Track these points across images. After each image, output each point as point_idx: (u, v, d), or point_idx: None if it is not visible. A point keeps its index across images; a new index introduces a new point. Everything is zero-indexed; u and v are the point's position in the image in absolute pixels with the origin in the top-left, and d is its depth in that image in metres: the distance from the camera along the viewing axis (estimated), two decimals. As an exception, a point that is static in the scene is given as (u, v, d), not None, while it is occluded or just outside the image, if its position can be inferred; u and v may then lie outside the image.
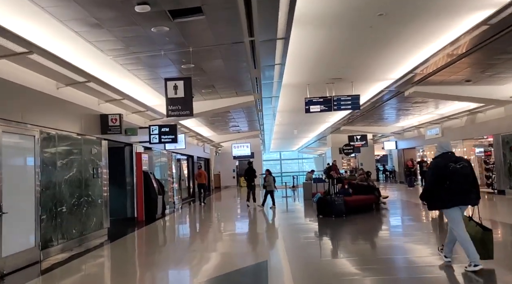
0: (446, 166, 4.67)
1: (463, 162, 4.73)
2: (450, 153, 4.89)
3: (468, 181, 4.69)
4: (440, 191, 4.70)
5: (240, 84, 11.25)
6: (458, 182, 4.59)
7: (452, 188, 4.62)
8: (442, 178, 4.69)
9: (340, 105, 12.72)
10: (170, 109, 7.55)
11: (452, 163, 4.67)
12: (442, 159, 4.81)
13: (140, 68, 8.44)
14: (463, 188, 4.64)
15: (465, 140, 16.61)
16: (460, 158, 4.89)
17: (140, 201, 10.46)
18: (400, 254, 5.83)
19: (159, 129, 10.75)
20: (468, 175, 4.69)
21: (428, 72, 10.80)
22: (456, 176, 4.59)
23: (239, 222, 10.91)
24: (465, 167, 4.68)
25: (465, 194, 4.69)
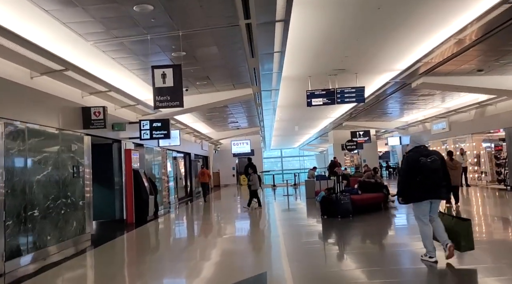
0: (417, 160, 4.72)
1: (434, 156, 4.77)
2: (423, 147, 4.92)
3: (439, 175, 4.74)
4: (412, 185, 4.75)
5: (237, 75, 10.49)
6: (428, 176, 4.65)
7: (423, 182, 4.67)
8: (414, 172, 4.73)
9: (344, 98, 12.01)
10: (157, 100, 6.81)
11: (423, 157, 4.72)
12: (414, 153, 4.85)
13: (125, 56, 7.69)
14: (433, 182, 4.70)
15: (474, 134, 15.83)
16: (432, 152, 4.93)
17: (130, 202, 9.72)
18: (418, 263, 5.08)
19: (150, 124, 10.01)
20: (439, 169, 4.74)
21: (437, 61, 10.06)
22: (426, 170, 4.66)
23: (237, 224, 10.17)
24: (435, 161, 4.73)
25: (435, 188, 4.74)
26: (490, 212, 9.99)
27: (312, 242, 6.88)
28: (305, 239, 7.18)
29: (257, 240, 7.62)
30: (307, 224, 9.25)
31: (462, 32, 8.19)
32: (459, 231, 4.78)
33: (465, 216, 9.36)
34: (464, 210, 10.24)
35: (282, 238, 7.32)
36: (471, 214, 9.74)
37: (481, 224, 8.31)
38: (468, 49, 9.08)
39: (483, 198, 12.88)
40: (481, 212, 10.09)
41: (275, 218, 10.65)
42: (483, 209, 10.75)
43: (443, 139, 18.32)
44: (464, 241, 4.76)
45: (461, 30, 8.13)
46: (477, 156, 15.63)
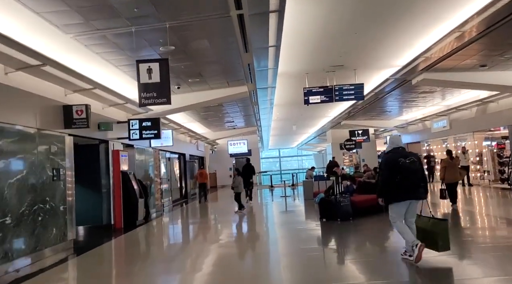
0: (396, 161, 4.78)
1: (412, 157, 4.83)
2: (401, 148, 5.00)
3: (418, 176, 4.81)
4: (391, 186, 4.79)
5: (231, 72, 10.03)
6: (407, 177, 4.71)
7: (402, 182, 4.73)
8: (393, 173, 4.78)
9: (342, 95, 11.58)
10: (143, 96, 6.35)
11: (402, 158, 4.77)
12: (393, 154, 4.92)
13: (110, 51, 7.21)
14: (412, 183, 4.76)
15: (476, 133, 15.41)
16: (410, 153, 5.01)
17: (118, 206, 9.24)
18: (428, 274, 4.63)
19: (140, 123, 9.54)
20: (418, 170, 4.83)
21: (439, 56, 9.63)
22: (405, 171, 4.71)
23: (232, 229, 9.71)
24: (414, 162, 4.80)
25: (414, 189, 4.80)
26: (494, 212, 9.55)
27: (311, 249, 6.41)
28: (303, 245, 6.71)
29: (253, 247, 7.14)
30: (305, 228, 8.78)
31: (464, 25, 7.78)
32: (436, 231, 4.82)
33: (468, 218, 8.97)
34: (466, 211, 9.82)
35: (279, 245, 6.86)
36: (473, 215, 9.31)
37: (484, 227, 7.86)
38: (471, 43, 8.65)
39: (485, 198, 12.46)
40: (484, 213, 9.65)
41: (273, 221, 10.20)
42: (486, 209, 10.32)
43: (444, 137, 17.92)
44: (441, 241, 4.80)
45: (463, 23, 7.73)
46: (479, 154, 15.22)
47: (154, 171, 12.49)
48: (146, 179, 11.64)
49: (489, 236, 6.99)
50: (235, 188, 11.84)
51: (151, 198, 11.76)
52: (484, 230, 7.59)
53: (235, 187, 11.85)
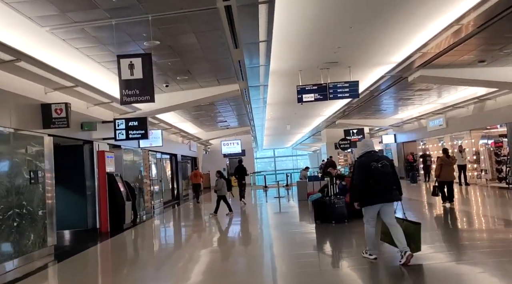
0: (369, 165, 4.87)
1: (384, 161, 4.94)
2: (373, 152, 5.10)
3: (389, 179, 4.91)
4: (364, 189, 4.89)
5: (221, 69, 9.66)
6: (379, 180, 4.81)
7: (374, 186, 4.82)
8: (366, 176, 4.87)
9: (337, 93, 11.25)
10: (125, 94, 5.96)
11: (374, 162, 4.87)
12: (366, 158, 5.00)
13: (90, 46, 6.82)
14: (384, 186, 4.86)
15: (473, 131, 15.15)
16: (382, 157, 5.13)
17: (104, 209, 8.84)
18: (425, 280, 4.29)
19: (126, 123, 9.14)
20: (389, 173, 4.91)
21: (436, 52, 9.34)
22: (377, 174, 4.81)
23: (223, 232, 9.34)
24: (386, 166, 4.90)
25: (387, 192, 4.89)
26: (491, 213, 9.25)
27: (306, 254, 6.05)
28: (298, 250, 6.34)
29: (245, 253, 6.74)
30: (300, 231, 8.40)
31: (462, 19, 7.49)
32: (409, 233, 4.91)
33: (465, 218, 8.67)
34: (463, 211, 9.53)
35: (272, 250, 6.49)
36: (471, 216, 9.02)
37: (481, 230, 7.56)
38: (469, 38, 8.36)
39: (483, 198, 12.19)
40: (481, 213, 9.35)
41: (266, 223, 9.82)
42: (482, 209, 10.03)
43: (440, 136, 17.66)
44: (413, 243, 4.89)
45: (461, 17, 7.43)
46: (476, 153, 14.96)
47: (143, 172, 12.08)
48: (135, 180, 11.24)
49: (486, 238, 6.68)
50: (218, 191, 11.37)
51: (140, 200, 11.37)
52: (481, 231, 7.29)
53: (218, 190, 11.38)
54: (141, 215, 11.47)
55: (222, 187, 11.35)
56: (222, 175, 11.82)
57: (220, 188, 11.33)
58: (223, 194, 11.39)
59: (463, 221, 8.52)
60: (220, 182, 11.43)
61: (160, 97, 11.26)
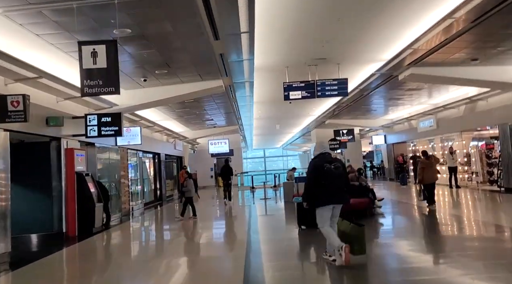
0: (322, 166, 4.95)
1: (337, 163, 5.04)
2: (327, 154, 5.17)
3: (342, 181, 5.02)
4: (317, 191, 4.96)
5: (202, 63, 9.09)
6: (331, 182, 4.89)
7: (326, 188, 4.90)
8: (319, 178, 4.94)
9: (325, 91, 10.77)
10: (86, 84, 5.38)
11: (328, 164, 4.95)
12: (319, 160, 5.08)
13: (53, 33, 6.20)
14: (336, 188, 4.95)
15: (464, 132, 14.81)
16: (335, 159, 5.24)
17: (71, 211, 8.20)
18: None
19: (99, 119, 8.52)
20: (341, 175, 5.03)
21: (427, 49, 8.92)
22: (330, 176, 4.89)
23: (200, 237, 8.78)
24: (339, 168, 4.99)
25: (338, 194, 4.99)
26: (483, 218, 8.81)
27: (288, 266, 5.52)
28: (277, 261, 5.82)
29: (219, 266, 6.10)
30: (282, 238, 7.76)
31: (454, 13, 7.07)
32: (354, 235, 5.00)
33: (456, 223, 8.23)
34: (453, 215, 9.11)
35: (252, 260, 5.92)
36: (461, 221, 8.58)
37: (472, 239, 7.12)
38: (462, 34, 7.93)
39: (473, 201, 11.82)
40: (472, 218, 8.92)
41: (249, 228, 9.22)
42: (474, 214, 9.62)
43: (430, 137, 17.32)
44: (357, 245, 4.98)
45: (454, 11, 7.01)
46: (467, 155, 14.62)
47: (120, 172, 11.45)
48: (111, 181, 10.62)
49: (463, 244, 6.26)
50: (187, 193, 10.64)
51: (117, 201, 10.75)
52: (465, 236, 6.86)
53: (186, 192, 10.65)
54: (120, 217, 10.85)
55: (190, 188, 10.67)
56: (190, 175, 11.16)
57: (189, 189, 10.62)
58: (191, 195, 10.68)
59: (446, 225, 8.11)
60: (189, 183, 10.75)
61: (139, 92, 10.67)
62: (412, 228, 8.05)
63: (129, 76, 9.32)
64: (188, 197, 10.62)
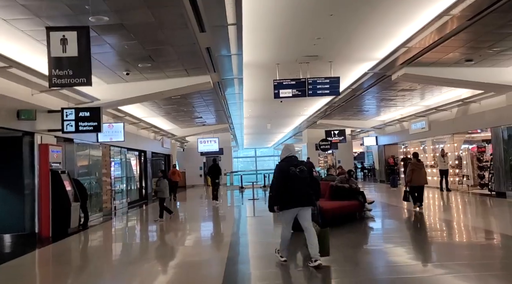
0: (287, 170, 5.01)
1: (302, 166, 5.10)
2: (293, 157, 5.23)
3: (306, 184, 5.04)
4: (282, 193, 5.00)
5: (188, 57, 8.69)
6: (296, 185, 4.93)
7: (291, 191, 4.94)
8: (284, 181, 4.99)
9: (316, 90, 10.44)
10: (54, 74, 4.96)
11: (293, 167, 5.01)
12: (285, 163, 5.14)
13: (22, 18, 5.72)
14: (301, 191, 4.97)
15: (456, 135, 14.59)
16: (301, 162, 5.31)
17: (45, 211, 7.73)
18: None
19: (76, 113, 8.06)
20: (306, 179, 5.06)
21: (422, 47, 8.65)
22: (295, 179, 4.95)
23: (184, 239, 8.37)
24: (304, 171, 5.04)
25: (303, 196, 4.99)
26: (474, 223, 8.53)
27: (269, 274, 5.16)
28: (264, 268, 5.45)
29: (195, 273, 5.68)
30: (269, 241, 7.31)
31: (451, 10, 6.78)
32: (319, 237, 5.08)
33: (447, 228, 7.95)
34: (444, 220, 8.84)
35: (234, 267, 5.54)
36: (452, 226, 8.31)
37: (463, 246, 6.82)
38: (458, 32, 7.67)
39: (464, 205, 11.59)
40: (463, 223, 8.65)
41: (235, 231, 8.80)
42: (465, 219, 9.36)
43: (422, 139, 17.10)
44: (321, 247, 5.05)
45: (450, 7, 6.72)
46: (458, 158, 14.42)
47: (102, 170, 10.98)
48: (92, 178, 10.15)
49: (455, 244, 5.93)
50: (159, 193, 10.07)
51: (97, 201, 10.27)
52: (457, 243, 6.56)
53: (159, 192, 10.07)
54: (101, 217, 10.37)
55: (164, 188, 10.13)
56: (165, 175, 10.71)
57: (162, 189, 10.05)
58: (164, 196, 10.14)
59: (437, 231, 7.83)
60: (163, 183, 10.17)
61: (122, 87, 10.21)
62: (403, 234, 7.73)
63: (110, 69, 8.87)
64: (161, 198, 10.05)
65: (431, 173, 16.11)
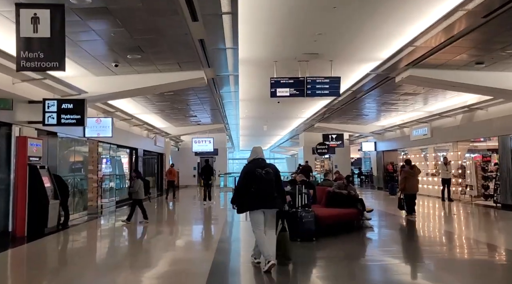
0: (253, 172, 5.05)
1: (269, 169, 5.11)
2: (260, 160, 5.26)
3: (271, 186, 5.04)
4: (247, 195, 5.03)
5: (180, 49, 8.14)
6: (261, 187, 4.96)
7: (256, 192, 4.98)
8: (250, 182, 5.03)
9: (316, 90, 9.93)
10: (24, 56, 4.40)
11: (259, 169, 5.05)
12: (252, 165, 5.18)
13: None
14: (266, 193, 5.00)
15: (460, 143, 14.08)
16: (267, 164, 5.27)
17: (20, 208, 7.14)
18: None
19: (59, 105, 7.49)
20: (271, 181, 5.06)
21: (432, 46, 8.15)
22: (260, 181, 4.98)
23: (168, 245, 7.79)
24: (269, 173, 5.07)
25: (268, 198, 5.02)
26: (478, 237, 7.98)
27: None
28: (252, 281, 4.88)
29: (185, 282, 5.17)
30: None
31: (463, 6, 6.27)
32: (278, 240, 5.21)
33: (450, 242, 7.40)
34: (447, 234, 8.29)
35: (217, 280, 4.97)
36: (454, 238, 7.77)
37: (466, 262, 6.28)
38: (472, 30, 7.15)
39: (467, 216, 11.05)
40: (467, 236, 8.10)
41: (223, 236, 8.21)
42: (469, 232, 8.80)
43: (423, 146, 16.59)
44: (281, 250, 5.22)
45: (462, 4, 6.22)
46: (461, 167, 13.90)
47: (88, 166, 10.40)
48: (76, 175, 9.57)
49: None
50: (134, 194, 9.49)
51: (82, 198, 9.68)
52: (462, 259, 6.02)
53: (134, 193, 9.48)
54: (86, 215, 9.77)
55: (139, 189, 9.45)
56: (139, 175, 9.99)
57: (136, 190, 9.42)
58: (139, 197, 9.52)
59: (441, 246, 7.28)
60: (137, 183, 9.51)
61: (111, 80, 9.65)
62: (403, 247, 7.16)
63: (98, 60, 8.31)
64: (135, 199, 9.47)
65: (432, 181, 15.63)
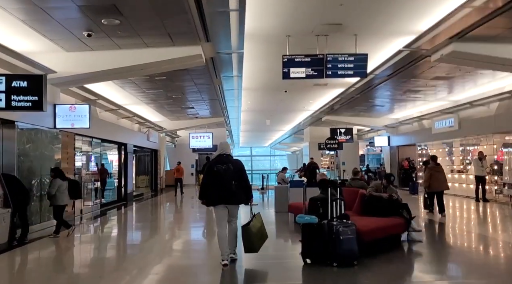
0: (213, 167, 5.10)
1: (229, 165, 5.09)
2: (225, 155, 5.20)
3: (230, 182, 5.00)
4: (209, 190, 5.10)
5: (170, 14, 6.33)
6: (220, 183, 4.99)
7: (215, 188, 5.02)
8: (211, 178, 5.09)
9: (337, 69, 8.23)
10: None
11: (220, 165, 5.08)
12: (214, 161, 5.23)
13: None
14: (225, 188, 4.99)
15: (495, 135, 12.27)
16: (231, 160, 5.20)
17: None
18: None
19: (8, 82, 5.66)
20: (230, 177, 5.02)
21: (479, 17, 6.52)
22: (219, 176, 5.01)
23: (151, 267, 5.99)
24: (229, 169, 5.06)
25: (227, 194, 5.01)
26: None
27: None
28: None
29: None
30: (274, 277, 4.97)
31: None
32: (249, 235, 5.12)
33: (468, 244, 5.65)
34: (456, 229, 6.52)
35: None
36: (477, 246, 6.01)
37: None
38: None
39: (503, 218, 9.36)
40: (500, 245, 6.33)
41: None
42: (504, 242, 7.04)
43: (448, 140, 14.80)
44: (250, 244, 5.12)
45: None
46: (497, 162, 12.17)
47: (61, 164, 8.58)
48: (45, 176, 7.77)
49: None
50: (53, 199, 7.01)
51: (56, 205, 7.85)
52: None
53: (53, 198, 7.00)
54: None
55: (57, 192, 6.98)
56: (60, 174, 7.24)
57: (54, 194, 6.97)
58: (60, 203, 7.06)
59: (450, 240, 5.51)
60: (55, 184, 7.00)
61: (86, 57, 7.80)
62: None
63: (64, 27, 6.48)
64: (55, 206, 7.07)
65: (458, 179, 13.91)
